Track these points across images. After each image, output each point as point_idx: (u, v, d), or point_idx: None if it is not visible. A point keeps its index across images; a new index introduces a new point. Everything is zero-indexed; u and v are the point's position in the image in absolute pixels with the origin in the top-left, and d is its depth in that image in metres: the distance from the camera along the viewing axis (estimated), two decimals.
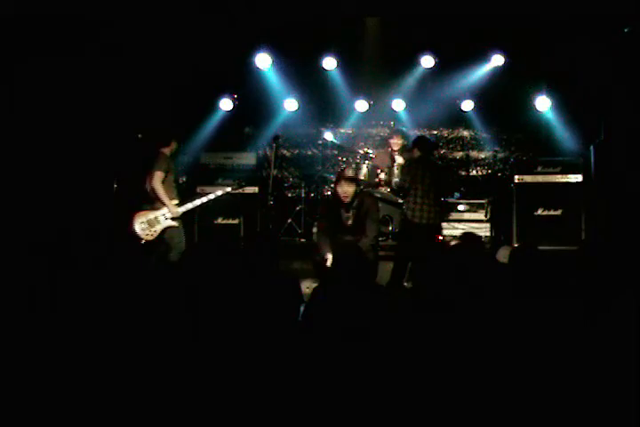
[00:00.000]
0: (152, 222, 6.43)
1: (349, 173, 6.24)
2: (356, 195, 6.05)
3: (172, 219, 6.44)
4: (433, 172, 6.76)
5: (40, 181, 7.06)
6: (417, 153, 6.84)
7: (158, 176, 6.39)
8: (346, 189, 5.98)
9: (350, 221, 6.05)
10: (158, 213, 6.44)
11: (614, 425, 2.89)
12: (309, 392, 3.01)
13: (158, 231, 6.43)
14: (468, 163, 9.44)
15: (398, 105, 9.05)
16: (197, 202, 6.65)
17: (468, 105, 8.93)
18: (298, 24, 8.24)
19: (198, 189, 7.98)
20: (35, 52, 7.10)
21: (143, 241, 6.40)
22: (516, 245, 7.36)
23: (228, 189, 6.94)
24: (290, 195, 9.41)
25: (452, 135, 9.52)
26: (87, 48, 7.37)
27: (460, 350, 3.00)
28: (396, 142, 7.91)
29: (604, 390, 2.95)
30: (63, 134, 7.31)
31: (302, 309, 3.86)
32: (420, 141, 7.00)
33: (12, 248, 5.80)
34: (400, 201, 7.25)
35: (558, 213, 7.80)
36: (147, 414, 2.94)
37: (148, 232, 6.41)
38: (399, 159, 7.67)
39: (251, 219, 8.10)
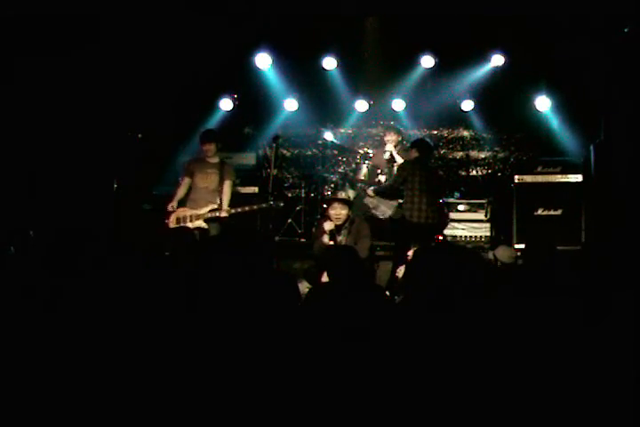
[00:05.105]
0: None
1: (342, 195, 6.25)
2: (348, 218, 6.02)
3: None
4: (429, 172, 6.82)
5: (40, 181, 7.08)
6: (415, 154, 6.85)
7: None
8: (339, 212, 5.96)
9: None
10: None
11: (614, 425, 2.89)
12: (309, 392, 3.02)
13: None
14: (468, 163, 9.45)
15: (398, 105, 9.04)
16: None
17: (467, 105, 8.93)
18: (298, 24, 8.25)
19: None
20: (35, 51, 7.12)
21: None
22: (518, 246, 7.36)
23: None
24: (290, 195, 9.39)
25: (451, 135, 9.50)
26: (87, 48, 7.38)
27: (459, 349, 3.01)
28: (391, 139, 7.71)
29: (604, 389, 2.95)
30: (64, 134, 7.33)
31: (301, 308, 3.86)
32: (420, 143, 7.00)
33: (12, 248, 5.80)
34: (400, 201, 7.24)
35: (558, 213, 7.79)
36: (145, 414, 2.95)
37: None
38: (399, 159, 7.59)
39: (251, 219, 8.10)
